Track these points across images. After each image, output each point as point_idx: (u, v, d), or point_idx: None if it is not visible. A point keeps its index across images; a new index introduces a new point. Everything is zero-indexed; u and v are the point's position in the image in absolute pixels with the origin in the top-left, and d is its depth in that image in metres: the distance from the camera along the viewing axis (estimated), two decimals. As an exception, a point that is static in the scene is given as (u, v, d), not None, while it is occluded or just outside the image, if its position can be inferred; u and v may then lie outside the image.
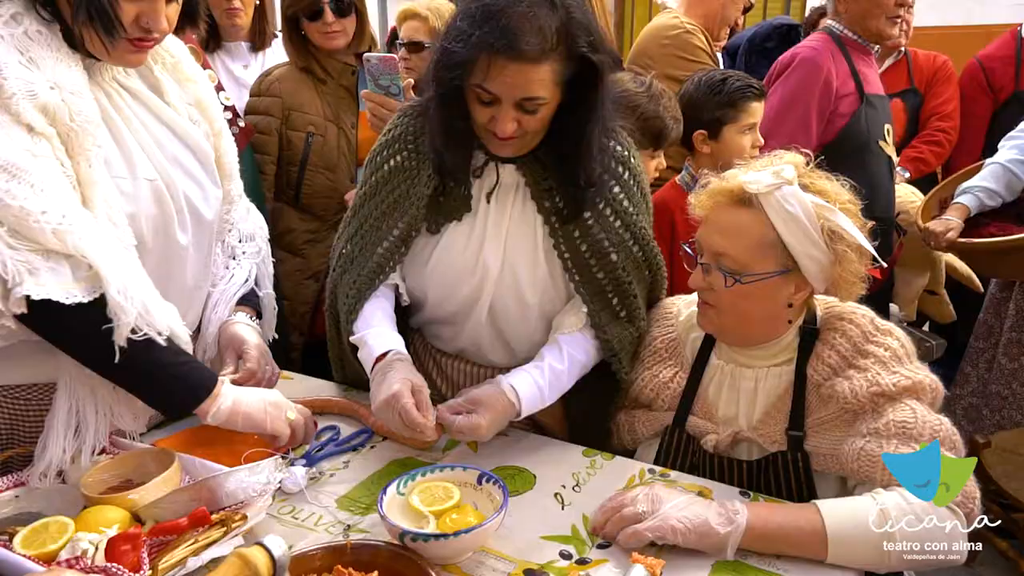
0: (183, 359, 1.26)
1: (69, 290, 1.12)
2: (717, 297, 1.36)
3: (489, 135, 1.39)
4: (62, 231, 1.10)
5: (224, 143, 1.53)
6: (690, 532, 1.14)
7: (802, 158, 1.36)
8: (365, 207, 1.58)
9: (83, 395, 1.27)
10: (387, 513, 1.15)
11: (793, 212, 1.29)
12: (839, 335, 1.35)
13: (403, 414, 1.33)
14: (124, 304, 1.14)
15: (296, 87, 2.32)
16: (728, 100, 2.14)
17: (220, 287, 1.56)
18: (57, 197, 1.12)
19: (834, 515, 1.15)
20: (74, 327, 1.16)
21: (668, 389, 1.47)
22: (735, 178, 1.34)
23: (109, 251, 1.16)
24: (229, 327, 1.52)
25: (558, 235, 1.48)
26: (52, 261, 1.12)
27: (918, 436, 1.22)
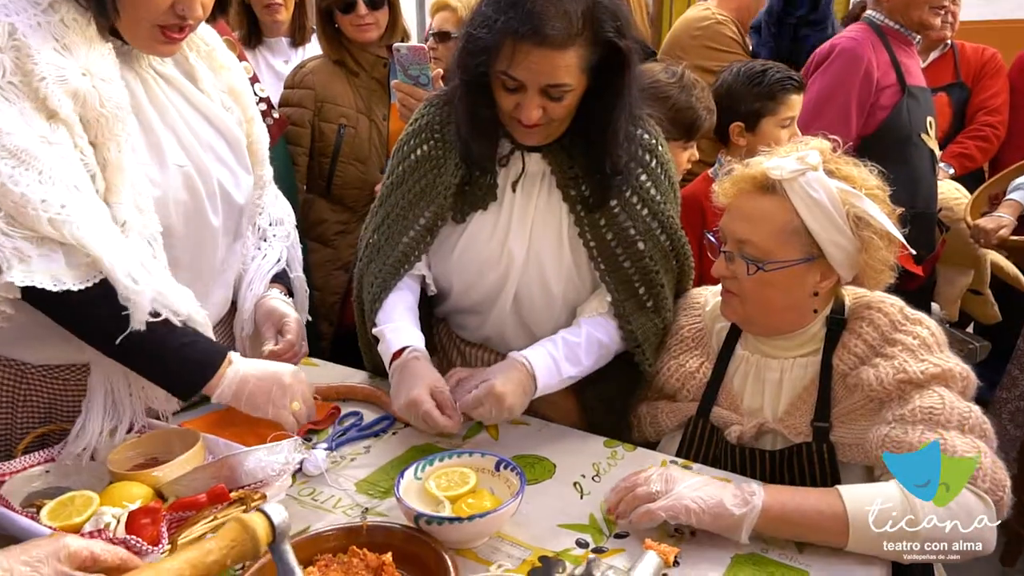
0: (188, 339, 1.26)
1: (59, 278, 1.13)
2: (740, 285, 1.34)
3: (514, 123, 1.39)
4: (59, 220, 1.11)
5: (256, 130, 1.54)
6: (704, 513, 1.12)
7: (828, 144, 1.33)
8: (392, 197, 1.58)
9: (116, 377, 1.29)
10: (403, 496, 1.15)
11: (818, 198, 1.26)
12: (866, 324, 1.31)
13: (427, 419, 1.35)
14: (137, 288, 1.15)
15: (329, 79, 2.34)
16: (768, 92, 2.11)
17: (254, 266, 1.58)
18: (62, 186, 1.13)
19: (856, 499, 1.11)
20: (69, 313, 1.18)
21: (694, 379, 1.45)
22: (758, 165, 1.32)
23: (111, 241, 1.16)
24: (266, 302, 1.54)
25: (584, 224, 1.47)
26: (46, 248, 1.13)
27: (945, 422, 1.18)
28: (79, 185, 1.16)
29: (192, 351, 1.25)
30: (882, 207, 1.29)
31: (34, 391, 1.33)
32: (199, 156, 1.36)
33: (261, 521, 0.60)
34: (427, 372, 1.42)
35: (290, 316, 1.52)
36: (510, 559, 1.14)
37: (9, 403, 1.32)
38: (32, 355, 1.31)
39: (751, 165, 1.34)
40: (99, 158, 1.20)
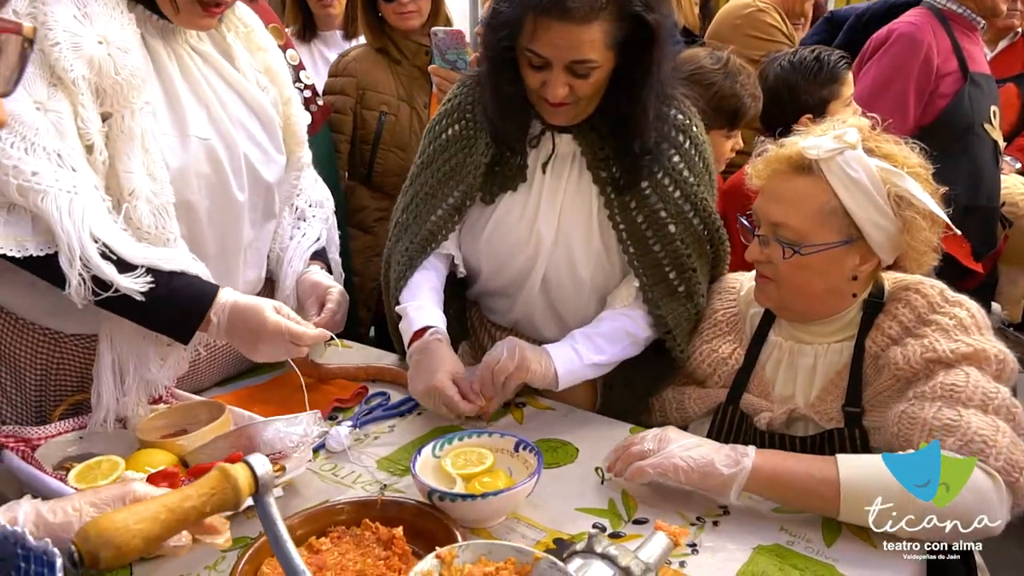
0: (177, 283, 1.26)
1: (23, 243, 1.16)
2: (775, 270, 1.29)
3: (541, 102, 1.37)
4: (26, 187, 1.14)
5: (293, 111, 1.56)
6: (692, 471, 1.13)
7: (867, 121, 1.28)
8: (422, 176, 1.58)
9: (122, 346, 1.31)
10: (419, 473, 1.15)
11: (856, 178, 1.21)
12: (903, 305, 1.26)
13: (449, 405, 1.35)
14: (69, 271, 1.16)
15: (371, 67, 2.36)
16: (831, 76, 2.05)
17: (293, 244, 1.59)
18: (42, 155, 1.15)
19: (851, 467, 1.08)
20: (46, 275, 1.21)
21: (726, 365, 1.40)
22: (794, 144, 1.27)
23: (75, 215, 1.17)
24: (308, 277, 1.55)
25: (614, 206, 1.44)
26: (14, 215, 1.16)
27: (966, 400, 1.12)
28: (63, 154, 1.17)
29: (180, 295, 1.26)
30: (925, 186, 1.22)
31: (67, 359, 1.37)
32: (228, 131, 1.38)
33: (243, 471, 0.60)
34: (448, 357, 1.41)
35: (333, 287, 1.53)
36: (525, 540, 1.12)
37: (44, 370, 1.36)
38: (64, 325, 1.35)
39: (786, 145, 1.29)
40: (111, 127, 1.22)
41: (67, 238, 1.16)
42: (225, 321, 1.29)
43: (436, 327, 1.45)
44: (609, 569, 0.75)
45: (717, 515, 1.17)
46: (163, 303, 1.26)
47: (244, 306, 1.30)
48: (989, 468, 1.07)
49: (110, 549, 0.52)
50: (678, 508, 1.18)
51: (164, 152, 1.29)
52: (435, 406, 1.39)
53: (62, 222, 1.16)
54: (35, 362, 1.36)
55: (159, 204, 1.28)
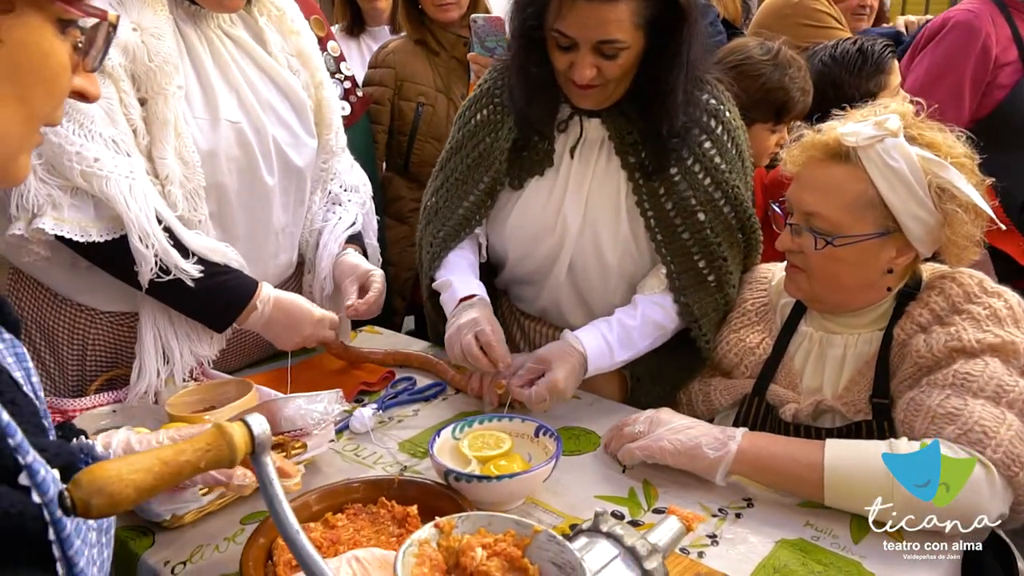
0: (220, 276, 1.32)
1: (86, 229, 1.20)
2: (807, 260, 1.25)
3: (569, 84, 1.35)
4: (90, 173, 1.18)
5: (325, 94, 1.57)
6: (679, 454, 1.15)
7: (910, 108, 1.23)
8: (451, 161, 1.58)
9: (164, 324, 1.36)
10: (437, 453, 1.14)
11: (896, 167, 1.16)
12: (936, 293, 1.21)
13: (467, 351, 1.34)
14: (145, 252, 1.22)
15: (409, 58, 2.37)
16: (877, 67, 1.97)
17: (328, 227, 1.61)
18: (100, 141, 1.19)
19: (837, 454, 1.08)
20: (99, 259, 1.26)
21: (753, 355, 1.37)
22: (832, 130, 1.23)
23: (137, 198, 1.22)
24: (346, 259, 1.56)
25: (642, 192, 1.42)
26: (78, 199, 1.20)
27: (977, 390, 1.08)
28: (118, 140, 1.21)
29: (225, 287, 1.31)
30: (969, 177, 1.17)
31: (102, 336, 1.41)
32: (257, 115, 1.40)
33: (240, 430, 0.60)
34: (488, 317, 1.40)
35: (374, 270, 1.54)
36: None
37: (81, 346, 1.40)
38: (101, 302, 1.39)
39: (823, 131, 1.25)
40: (148, 112, 1.26)
41: (137, 220, 1.21)
42: (269, 312, 1.36)
43: (480, 294, 1.45)
44: (614, 548, 0.73)
45: (740, 507, 1.14)
46: (209, 293, 1.31)
47: (287, 300, 1.39)
48: (984, 459, 1.04)
49: (102, 497, 0.52)
50: (700, 499, 1.15)
51: (195, 135, 1.32)
52: (456, 353, 1.38)
53: (129, 206, 1.21)
54: (72, 338, 1.40)
55: (191, 188, 1.32)
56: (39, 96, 0.61)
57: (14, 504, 0.53)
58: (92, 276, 1.33)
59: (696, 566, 0.98)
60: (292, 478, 0.98)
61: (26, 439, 0.57)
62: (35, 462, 0.57)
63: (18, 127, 0.61)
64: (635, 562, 0.72)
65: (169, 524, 1.11)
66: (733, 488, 1.17)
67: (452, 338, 1.39)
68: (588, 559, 0.72)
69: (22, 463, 0.56)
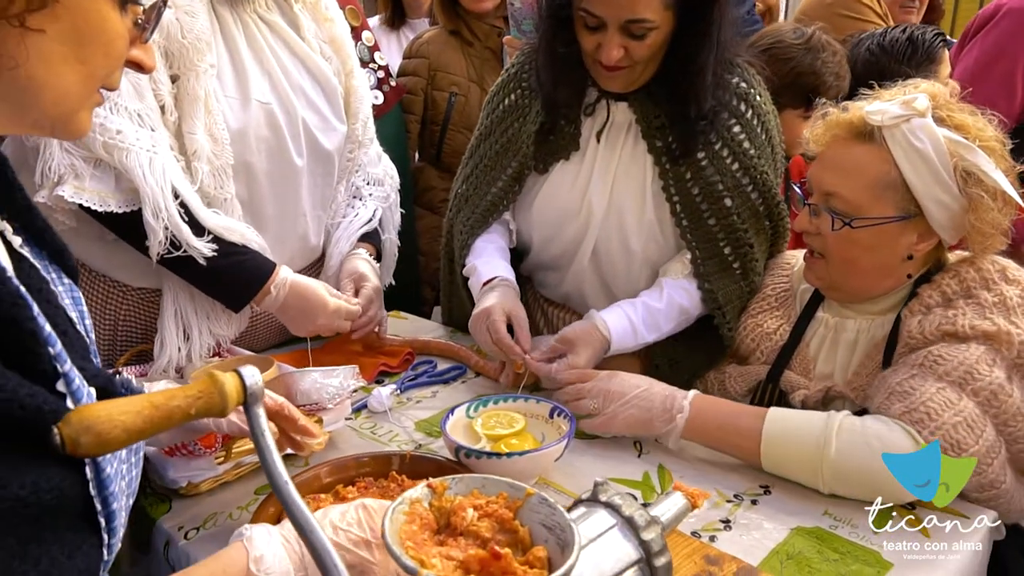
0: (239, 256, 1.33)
1: (105, 199, 1.23)
2: (824, 243, 1.22)
3: (597, 66, 1.34)
4: (111, 144, 1.20)
5: (356, 83, 1.59)
6: (632, 428, 1.22)
7: (943, 88, 1.18)
8: (481, 147, 1.58)
9: (185, 301, 1.38)
10: (450, 431, 1.14)
11: (921, 148, 1.12)
12: (951, 276, 1.17)
13: (492, 328, 1.33)
14: (154, 226, 1.23)
15: (443, 48, 2.39)
16: (927, 56, 1.91)
17: (344, 224, 1.62)
18: (124, 114, 1.21)
19: (776, 421, 1.11)
20: (118, 230, 1.28)
21: (769, 341, 1.34)
22: (858, 109, 1.19)
23: (156, 172, 1.23)
24: (351, 260, 1.58)
25: (668, 177, 1.40)
26: (100, 170, 1.23)
27: (943, 374, 1.07)
28: (143, 114, 1.24)
29: (241, 267, 1.32)
30: (999, 162, 1.13)
31: (133, 311, 1.44)
32: (288, 97, 1.42)
33: (232, 379, 0.60)
34: (512, 296, 1.40)
35: (370, 282, 1.54)
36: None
37: (112, 320, 1.43)
38: (132, 278, 1.41)
39: (849, 109, 1.21)
40: (179, 89, 1.28)
41: (152, 194, 1.23)
42: (283, 296, 1.36)
43: (503, 276, 1.44)
44: (612, 518, 0.72)
45: (757, 494, 1.11)
46: (224, 272, 1.33)
47: (304, 286, 1.38)
48: (919, 439, 1.04)
49: (90, 435, 0.53)
50: (716, 484, 1.13)
51: (225, 113, 1.34)
52: (480, 333, 1.38)
53: (146, 179, 1.23)
54: (104, 312, 1.44)
55: (219, 165, 1.34)
56: (97, 59, 0.65)
57: (48, 402, 0.56)
58: (124, 252, 1.36)
59: (705, 548, 0.96)
60: (316, 438, 0.99)
61: (65, 351, 0.61)
62: (72, 371, 0.61)
63: (78, 86, 0.65)
64: (632, 532, 0.71)
65: (186, 492, 1.13)
66: (751, 474, 1.15)
67: (472, 326, 1.41)
68: (584, 528, 0.71)
69: (60, 371, 0.60)
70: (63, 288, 0.75)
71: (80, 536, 0.63)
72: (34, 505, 0.57)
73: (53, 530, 0.60)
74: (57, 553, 0.60)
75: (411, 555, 0.58)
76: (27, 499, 0.56)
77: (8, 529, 0.56)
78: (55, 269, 0.77)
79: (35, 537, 0.58)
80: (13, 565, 0.57)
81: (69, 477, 0.61)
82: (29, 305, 0.60)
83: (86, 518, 0.64)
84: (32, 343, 0.59)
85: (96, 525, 0.65)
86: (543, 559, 0.60)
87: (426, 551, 0.60)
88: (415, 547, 0.59)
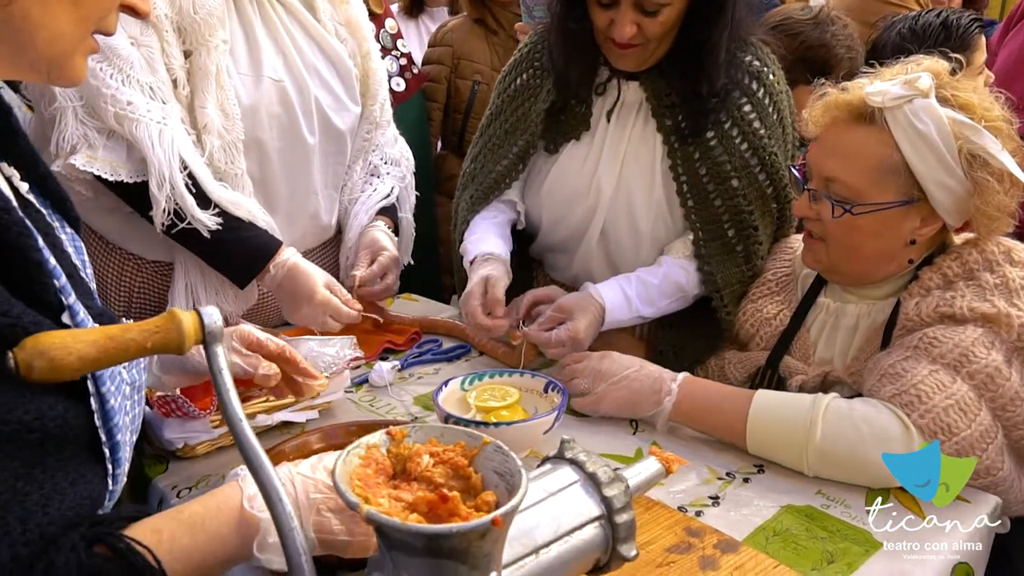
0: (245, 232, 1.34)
1: (116, 169, 1.26)
2: (824, 228, 1.19)
3: (609, 44, 1.33)
4: (122, 115, 1.23)
5: (372, 65, 1.60)
6: (620, 411, 1.22)
7: (946, 65, 1.14)
8: (491, 127, 1.59)
9: (195, 275, 1.41)
10: (442, 402, 1.14)
11: (924, 130, 1.08)
12: (953, 258, 1.13)
13: (469, 316, 1.34)
14: (159, 196, 1.25)
15: (467, 36, 2.40)
16: (962, 43, 1.83)
17: (363, 198, 1.63)
18: (136, 86, 1.24)
19: (762, 403, 1.09)
20: (130, 200, 1.31)
21: (769, 326, 1.32)
22: (857, 90, 1.15)
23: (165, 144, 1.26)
24: (369, 232, 1.59)
25: (676, 156, 1.38)
26: (112, 140, 1.26)
27: (938, 356, 1.04)
28: (155, 87, 1.27)
29: (246, 243, 1.34)
30: (1006, 143, 1.09)
31: (147, 284, 1.47)
32: (301, 75, 1.44)
33: (191, 318, 0.61)
34: (491, 269, 1.40)
35: (388, 250, 1.55)
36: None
37: (127, 292, 1.47)
38: (146, 251, 1.45)
39: (849, 89, 1.17)
40: (191, 64, 1.31)
41: (158, 164, 1.26)
42: (280, 277, 1.36)
43: (491, 252, 1.44)
44: (575, 474, 0.71)
45: (750, 472, 1.09)
46: (229, 246, 1.35)
47: (301, 270, 1.36)
48: (908, 422, 1.01)
49: (44, 360, 0.55)
50: (709, 462, 1.12)
51: (238, 89, 1.36)
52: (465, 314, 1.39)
53: (154, 149, 1.26)
54: (120, 284, 1.48)
55: (230, 140, 1.36)
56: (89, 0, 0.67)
57: None
58: (138, 225, 1.39)
59: (688, 520, 0.95)
60: (317, 379, 1.03)
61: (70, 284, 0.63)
62: (76, 305, 0.63)
63: (71, 28, 0.67)
64: (595, 488, 0.70)
65: (183, 453, 1.15)
66: (746, 453, 1.12)
67: (462, 304, 1.41)
68: (546, 482, 0.70)
69: (65, 303, 0.62)
70: (66, 236, 0.78)
71: (84, 466, 0.66)
72: (38, 431, 0.60)
73: (58, 458, 0.63)
74: (61, 479, 0.63)
75: (357, 493, 0.58)
76: (31, 425, 0.59)
77: (14, 452, 0.59)
78: (58, 218, 0.80)
79: (39, 462, 0.61)
80: (17, 486, 0.60)
81: (73, 408, 0.64)
82: (35, 237, 0.63)
83: (91, 449, 0.67)
84: (38, 273, 0.62)
85: (101, 455, 0.68)
86: (491, 503, 0.60)
87: (375, 491, 0.60)
88: (364, 487, 0.60)
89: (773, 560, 0.86)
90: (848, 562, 0.90)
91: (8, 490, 0.59)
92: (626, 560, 0.70)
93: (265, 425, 1.19)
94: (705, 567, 0.85)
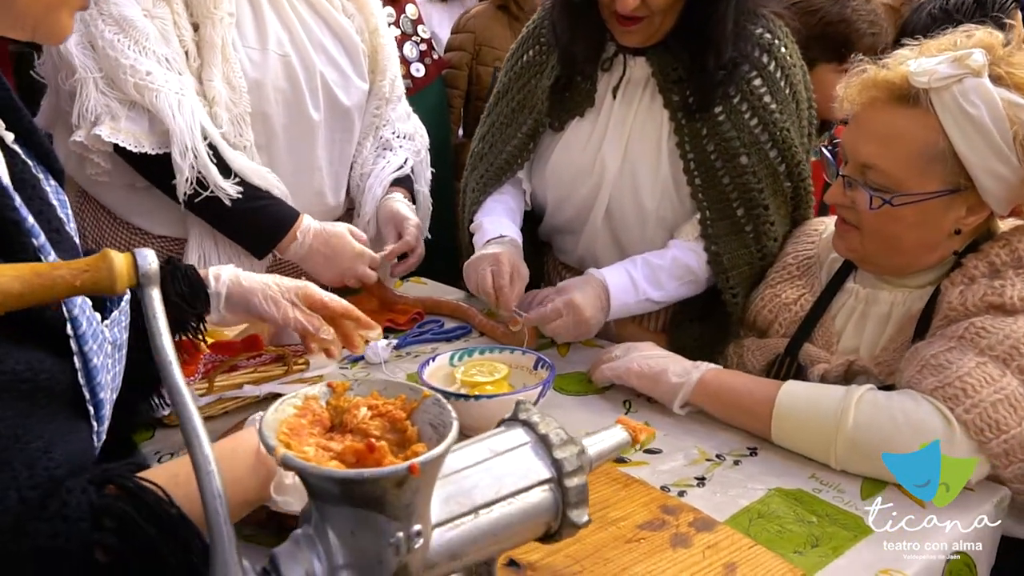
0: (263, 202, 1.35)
1: (139, 140, 1.27)
2: (859, 217, 1.11)
3: (614, 19, 1.30)
4: (142, 86, 1.24)
5: (381, 41, 1.59)
6: (644, 376, 1.15)
7: (1000, 37, 1.03)
8: (498, 106, 1.56)
9: (209, 247, 1.42)
10: (428, 376, 1.12)
11: (975, 114, 0.99)
12: (1001, 245, 1.05)
13: (496, 274, 1.32)
14: (182, 165, 1.26)
15: (489, 23, 2.39)
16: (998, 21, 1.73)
17: (377, 170, 1.62)
18: (153, 57, 1.26)
19: (790, 392, 1.02)
20: (149, 172, 1.32)
21: (789, 312, 1.25)
22: (900, 67, 1.05)
23: (184, 114, 1.27)
24: (388, 204, 1.57)
25: (683, 132, 1.34)
26: (135, 112, 1.27)
27: (986, 348, 0.95)
28: (170, 59, 1.28)
29: (266, 212, 1.34)
30: None
31: (156, 259, 1.49)
32: (307, 51, 1.44)
33: (125, 260, 0.60)
34: (517, 253, 1.38)
35: (410, 220, 1.54)
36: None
37: (134, 267, 1.49)
38: (154, 225, 1.46)
39: (889, 67, 1.07)
40: (199, 36, 1.31)
41: (180, 133, 1.27)
42: (310, 242, 1.38)
43: (507, 235, 1.42)
44: (527, 436, 0.68)
45: (741, 455, 1.05)
46: (248, 215, 1.36)
47: (329, 231, 1.39)
48: (951, 416, 0.93)
49: (-35, 289, 0.54)
50: (698, 443, 1.07)
51: (243, 63, 1.37)
52: (477, 273, 1.37)
53: (175, 119, 1.27)
54: (127, 259, 1.50)
55: (237, 112, 1.37)
56: None
57: None
58: (148, 198, 1.41)
59: (665, 499, 0.90)
60: (375, 329, 1.12)
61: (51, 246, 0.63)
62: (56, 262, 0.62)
63: None
64: (546, 450, 0.67)
65: (170, 422, 1.15)
66: (739, 436, 1.09)
67: (469, 267, 1.38)
68: (494, 443, 0.68)
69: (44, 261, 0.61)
70: (51, 189, 0.78)
71: (73, 421, 0.67)
72: (30, 382, 0.60)
73: (49, 411, 0.63)
74: (57, 429, 0.63)
75: (280, 440, 0.56)
76: (23, 374, 0.59)
77: (11, 402, 0.59)
78: (42, 170, 0.80)
79: (34, 414, 0.61)
80: (18, 433, 0.60)
81: (58, 364, 0.64)
82: (11, 195, 0.62)
83: (75, 406, 0.67)
84: (15, 232, 0.61)
85: (85, 413, 0.68)
86: (419, 454, 0.57)
87: (302, 440, 0.58)
88: (290, 435, 0.58)
89: (750, 540, 0.82)
90: (834, 546, 0.85)
91: (11, 436, 0.59)
92: (577, 527, 0.67)
93: (253, 396, 1.19)
94: (676, 544, 0.81)
